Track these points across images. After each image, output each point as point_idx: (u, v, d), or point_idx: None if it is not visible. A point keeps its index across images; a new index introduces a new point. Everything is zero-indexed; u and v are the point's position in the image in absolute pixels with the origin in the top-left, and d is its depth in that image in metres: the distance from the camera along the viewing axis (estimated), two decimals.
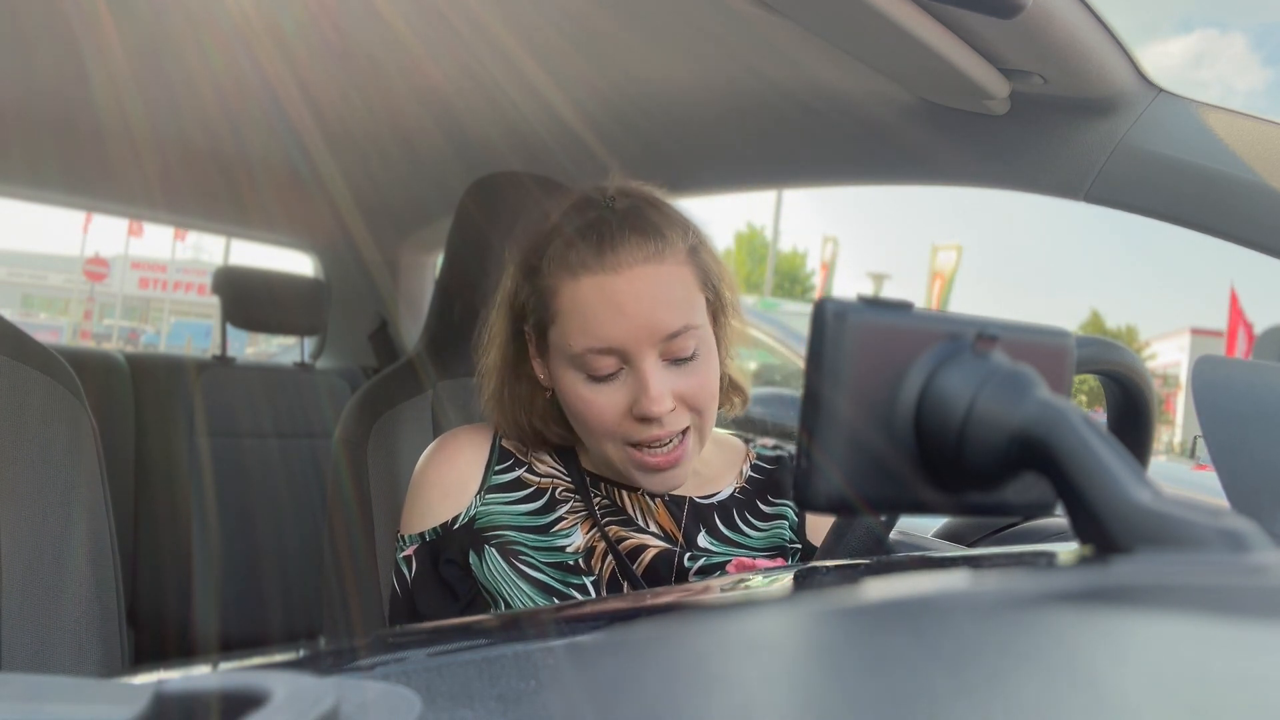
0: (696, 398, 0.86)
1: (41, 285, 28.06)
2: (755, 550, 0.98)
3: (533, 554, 0.92)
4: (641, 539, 0.93)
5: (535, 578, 0.91)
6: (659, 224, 0.85)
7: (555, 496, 0.95)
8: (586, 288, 0.83)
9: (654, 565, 0.92)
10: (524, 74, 1.35)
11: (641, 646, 0.29)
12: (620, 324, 0.82)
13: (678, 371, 0.85)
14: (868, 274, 23.22)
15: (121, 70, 1.50)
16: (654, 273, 0.83)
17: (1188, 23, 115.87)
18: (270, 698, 0.20)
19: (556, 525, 0.93)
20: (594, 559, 0.92)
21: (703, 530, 0.96)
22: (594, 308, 0.83)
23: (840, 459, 0.35)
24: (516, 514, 0.94)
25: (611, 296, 0.82)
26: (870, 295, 0.37)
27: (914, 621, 0.28)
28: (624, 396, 0.84)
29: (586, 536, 0.93)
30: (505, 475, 0.96)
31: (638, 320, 0.82)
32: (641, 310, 0.82)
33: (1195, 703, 0.21)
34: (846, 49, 1.00)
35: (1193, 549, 0.30)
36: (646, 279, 0.83)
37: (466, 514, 0.94)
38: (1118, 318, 61.48)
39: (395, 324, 2.48)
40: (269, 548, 2.19)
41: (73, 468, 0.96)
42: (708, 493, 0.98)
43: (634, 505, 0.95)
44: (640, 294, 0.82)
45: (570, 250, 0.84)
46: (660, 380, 0.83)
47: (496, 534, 0.93)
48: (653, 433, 0.84)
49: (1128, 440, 0.72)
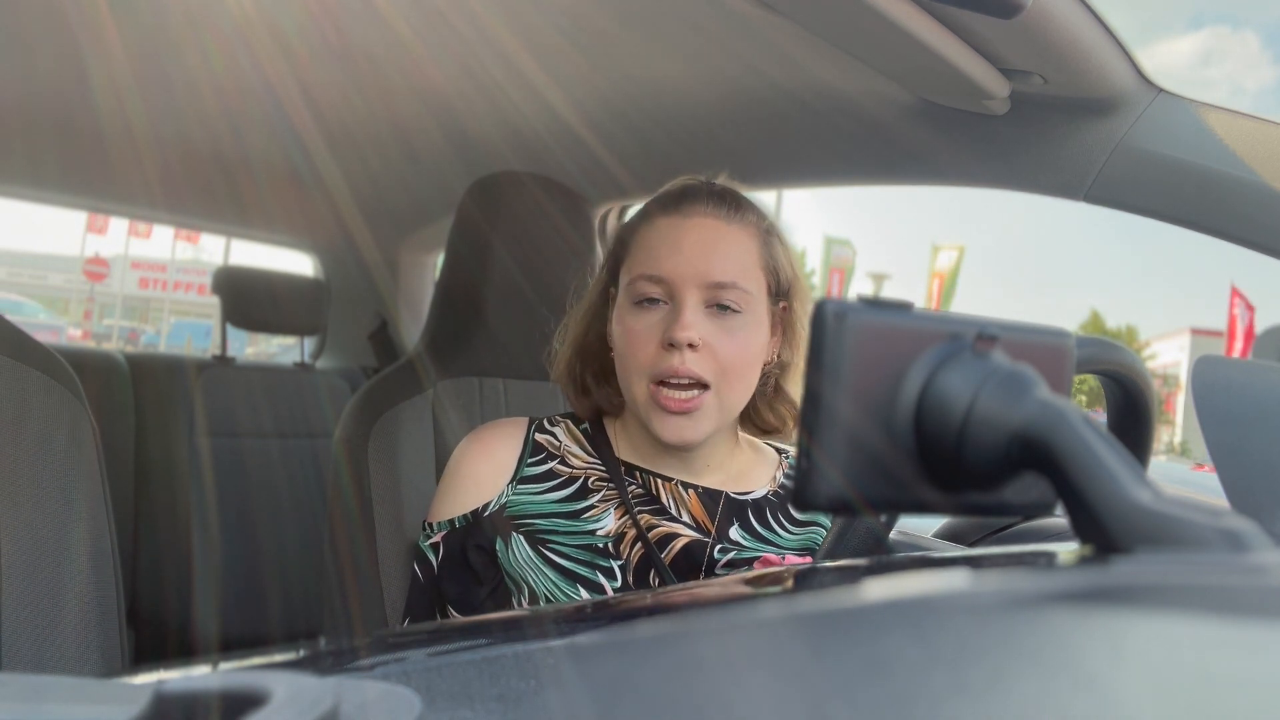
0: (725, 355, 0.89)
1: (41, 285, 28.07)
2: (786, 550, 0.98)
3: (561, 539, 0.93)
4: (673, 528, 0.95)
5: (562, 565, 0.92)
6: (740, 200, 0.95)
7: (589, 486, 0.97)
8: (658, 225, 0.93)
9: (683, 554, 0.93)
10: (524, 74, 1.35)
11: (641, 646, 0.29)
12: (675, 260, 0.89)
13: (716, 322, 0.90)
14: (868, 274, 23.21)
15: (122, 70, 1.50)
16: (718, 227, 0.91)
17: (1198, 19, 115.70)
18: (270, 698, 0.20)
19: (588, 511, 0.95)
20: (624, 544, 0.93)
21: (736, 524, 0.97)
22: (658, 242, 0.92)
23: (840, 459, 0.35)
24: (547, 502, 0.96)
25: (675, 235, 0.91)
26: (870, 295, 0.37)
27: (914, 621, 0.28)
28: (660, 328, 0.90)
29: (619, 522, 0.94)
30: (538, 468, 0.98)
31: (691, 259, 0.89)
32: (697, 253, 0.89)
33: (1195, 703, 0.21)
34: (846, 49, 1.00)
35: (1193, 549, 0.30)
36: (709, 229, 0.91)
37: (497, 502, 0.96)
38: (1118, 318, 61.58)
39: (395, 324, 2.48)
40: (269, 548, 2.19)
41: (73, 468, 0.96)
42: (743, 489, 1.00)
43: (668, 495, 0.97)
44: (700, 239, 0.90)
45: (659, 201, 0.96)
46: (695, 313, 0.89)
47: (526, 522, 0.95)
48: (673, 364, 0.88)
49: (1128, 440, 0.72)
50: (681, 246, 0.89)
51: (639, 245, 0.93)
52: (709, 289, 0.89)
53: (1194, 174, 0.98)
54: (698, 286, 0.89)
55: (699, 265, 0.88)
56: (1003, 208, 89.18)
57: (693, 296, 0.89)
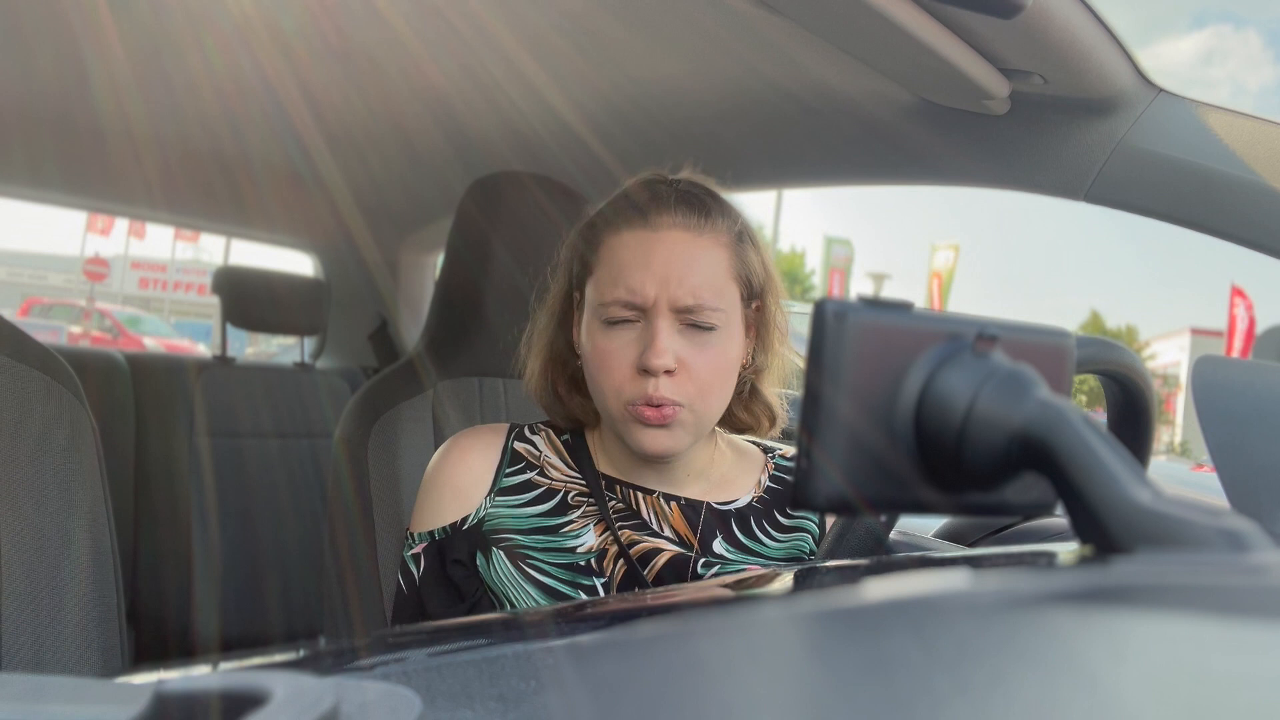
0: (701, 373, 0.87)
1: (41, 285, 28.06)
2: (772, 560, 0.97)
3: (540, 556, 0.92)
4: (655, 543, 0.93)
5: (543, 582, 0.90)
6: (709, 205, 0.91)
7: (568, 501, 0.95)
8: (625, 240, 0.89)
9: (666, 569, 0.92)
10: (524, 74, 1.35)
11: (641, 646, 0.29)
12: (645, 278, 0.86)
13: (689, 340, 0.87)
14: (868, 274, 23.19)
15: (122, 70, 1.50)
16: (690, 241, 0.88)
17: (1201, 18, 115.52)
18: (270, 698, 0.20)
19: (567, 526, 0.93)
20: (606, 561, 0.91)
21: (719, 536, 0.95)
22: (627, 259, 0.88)
23: (840, 459, 0.35)
24: (526, 516, 0.94)
25: (645, 251, 0.87)
26: (870, 295, 0.37)
27: (914, 621, 0.28)
28: (634, 350, 0.87)
29: (599, 538, 0.92)
30: (516, 478, 0.96)
31: (662, 280, 0.86)
32: (668, 271, 0.86)
33: (1195, 703, 0.21)
34: (846, 49, 1.00)
35: (1193, 549, 0.30)
36: (680, 244, 0.87)
37: (475, 515, 0.94)
38: (1118, 318, 61.55)
39: (395, 324, 2.49)
40: (269, 548, 2.19)
41: (73, 468, 0.96)
42: (726, 499, 0.98)
43: (649, 508, 0.95)
44: (670, 256, 0.87)
45: (623, 209, 0.91)
46: (668, 338, 0.86)
47: (504, 537, 0.93)
48: (647, 391, 0.86)
49: (1128, 440, 0.72)
50: (650, 264, 0.86)
51: (606, 260, 0.90)
52: (681, 311, 0.86)
53: (1194, 174, 0.98)
54: (669, 308, 0.86)
55: (670, 288, 0.85)
56: (1003, 208, 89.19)
57: (665, 318, 0.86)
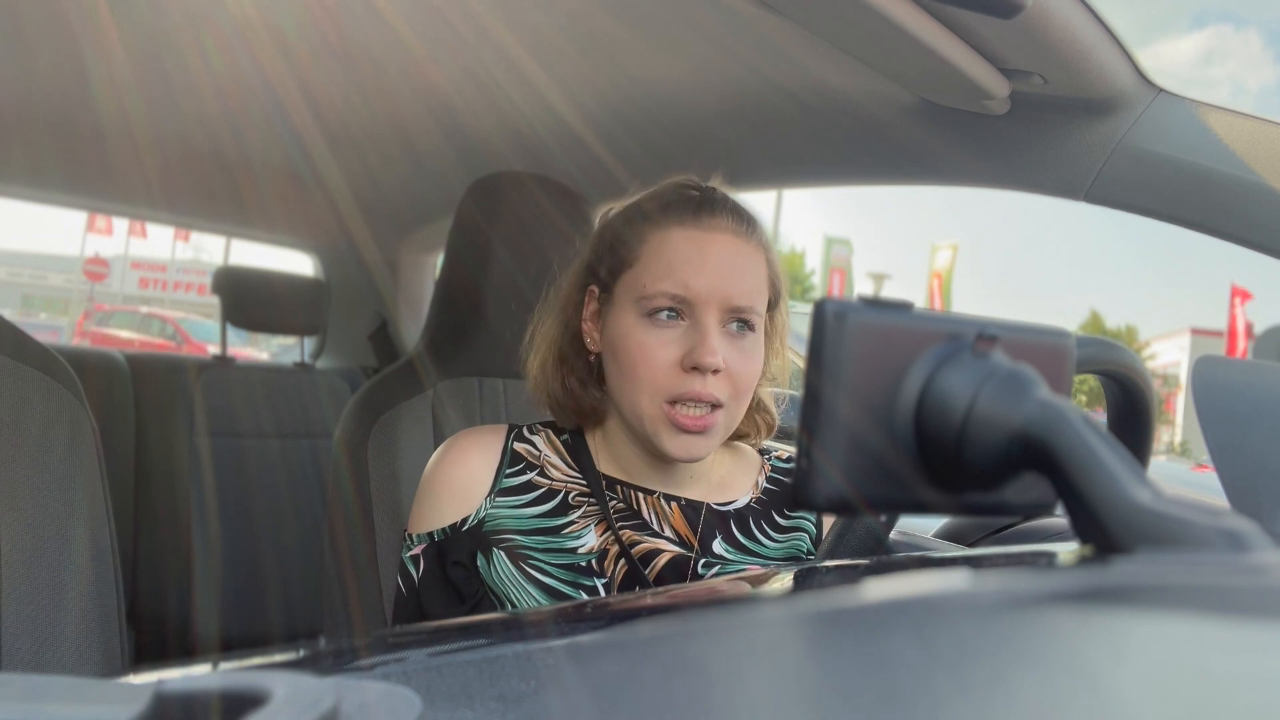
0: (741, 375, 0.89)
1: (41, 285, 28.07)
2: (771, 561, 0.97)
3: (541, 557, 0.92)
4: (656, 543, 0.93)
5: (543, 582, 0.90)
6: (750, 213, 0.93)
7: (569, 501, 0.95)
8: (678, 237, 0.89)
9: (667, 570, 0.92)
10: (524, 74, 1.35)
11: (641, 646, 0.29)
12: (700, 277, 0.87)
13: (733, 342, 0.89)
14: (868, 274, 23.18)
15: (122, 70, 1.50)
16: (740, 246, 0.90)
17: (1201, 18, 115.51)
18: (270, 698, 0.20)
19: (568, 527, 0.93)
20: (607, 561, 0.91)
21: (719, 537, 0.95)
22: (681, 255, 0.88)
23: (840, 459, 0.35)
24: (526, 517, 0.94)
25: (700, 250, 0.88)
26: (870, 295, 0.37)
27: (914, 621, 0.28)
28: (678, 348, 0.88)
29: (600, 539, 0.92)
30: (516, 479, 0.96)
31: (716, 279, 0.87)
32: (722, 273, 0.87)
33: (1195, 703, 0.21)
34: (846, 49, 1.00)
35: (1193, 549, 0.30)
36: (733, 248, 0.89)
37: (475, 516, 0.94)
38: (1118, 318, 61.57)
39: (395, 324, 2.49)
40: (269, 548, 2.19)
41: (73, 468, 0.96)
42: (725, 499, 0.98)
43: (649, 509, 0.95)
44: (724, 258, 0.88)
45: (667, 208, 0.91)
46: (719, 338, 0.87)
47: (505, 538, 0.92)
48: (694, 387, 0.86)
49: (1128, 440, 0.72)
50: (706, 264, 0.87)
51: (654, 254, 0.90)
52: (730, 311, 0.88)
53: (1194, 174, 0.98)
54: (719, 308, 0.87)
55: (723, 286, 0.87)
56: (1002, 208, 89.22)
57: (714, 318, 0.87)
